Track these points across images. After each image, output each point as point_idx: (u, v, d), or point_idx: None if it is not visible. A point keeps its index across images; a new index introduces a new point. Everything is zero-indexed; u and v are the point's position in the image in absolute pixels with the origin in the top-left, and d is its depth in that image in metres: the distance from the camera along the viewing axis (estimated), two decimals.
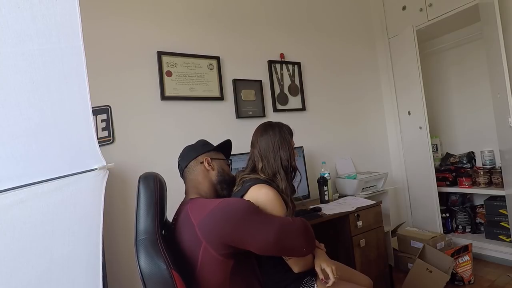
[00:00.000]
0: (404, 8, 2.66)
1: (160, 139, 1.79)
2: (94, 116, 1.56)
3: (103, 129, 1.62)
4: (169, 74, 1.83)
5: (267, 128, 1.16)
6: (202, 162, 1.10)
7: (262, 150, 1.12)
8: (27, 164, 0.72)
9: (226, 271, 0.91)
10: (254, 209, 0.93)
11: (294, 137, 1.22)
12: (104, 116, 1.63)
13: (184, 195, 1.12)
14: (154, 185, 0.99)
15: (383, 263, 1.90)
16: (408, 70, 2.61)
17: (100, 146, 0.85)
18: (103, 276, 0.96)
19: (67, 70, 0.73)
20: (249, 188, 1.03)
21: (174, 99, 1.85)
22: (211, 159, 1.11)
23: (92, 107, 0.79)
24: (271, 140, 1.12)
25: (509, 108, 1.93)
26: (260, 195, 1.01)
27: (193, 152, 1.12)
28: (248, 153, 1.22)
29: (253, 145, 1.18)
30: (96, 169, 0.85)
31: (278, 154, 1.11)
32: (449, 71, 2.91)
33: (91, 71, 0.76)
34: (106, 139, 1.62)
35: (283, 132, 1.15)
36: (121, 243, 1.60)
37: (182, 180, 1.15)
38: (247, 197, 1.03)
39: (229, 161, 1.21)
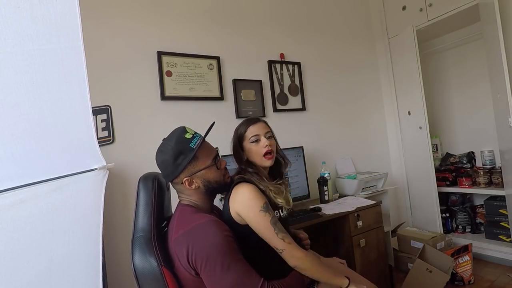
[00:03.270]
0: (404, 8, 2.66)
1: (160, 139, 1.76)
2: (94, 116, 1.56)
3: (103, 129, 1.62)
4: (169, 74, 1.83)
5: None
6: (182, 183, 0.97)
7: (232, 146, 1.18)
8: (27, 164, 0.72)
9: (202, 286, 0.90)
10: (225, 251, 0.85)
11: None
12: (104, 116, 1.63)
13: None
14: (152, 185, 1.01)
15: (383, 263, 1.90)
16: (408, 70, 2.61)
17: (100, 146, 0.85)
18: (103, 275, 0.96)
19: (67, 70, 0.73)
20: (230, 193, 1.05)
21: (174, 99, 1.85)
22: (190, 178, 0.97)
23: (92, 107, 0.79)
24: (233, 138, 1.18)
25: (509, 108, 1.93)
26: (238, 195, 1.02)
27: (167, 171, 0.97)
28: None
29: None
30: (96, 169, 0.85)
31: (234, 157, 1.17)
32: (449, 71, 2.91)
33: (91, 71, 0.76)
34: (106, 139, 1.62)
35: (234, 135, 1.18)
36: (121, 243, 1.60)
37: None
38: (233, 197, 1.03)
39: (215, 160, 1.02)
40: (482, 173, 2.44)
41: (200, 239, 0.86)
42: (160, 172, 1.03)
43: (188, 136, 0.98)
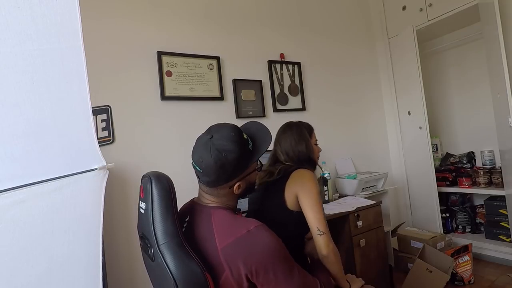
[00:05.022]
0: (404, 8, 2.66)
1: (160, 139, 1.79)
2: (94, 116, 1.56)
3: (103, 129, 1.62)
4: (169, 74, 1.83)
5: (285, 129, 1.32)
6: (231, 187, 0.90)
7: (282, 147, 1.27)
8: (27, 164, 0.72)
9: None
10: (283, 255, 0.84)
11: None
12: (104, 116, 1.63)
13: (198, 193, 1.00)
14: (169, 186, 0.90)
15: (383, 263, 1.90)
16: (408, 70, 2.61)
17: (100, 146, 0.85)
18: (103, 276, 0.96)
19: (67, 70, 0.73)
20: (292, 171, 1.14)
21: (174, 99, 1.85)
22: (242, 181, 0.92)
23: (92, 107, 0.79)
24: (289, 138, 1.27)
25: (509, 108, 1.93)
26: (301, 177, 1.12)
27: (224, 176, 0.87)
28: None
29: (275, 143, 1.32)
30: (96, 169, 0.85)
31: (297, 148, 1.25)
32: (449, 71, 2.92)
33: (91, 71, 0.76)
34: (106, 139, 1.62)
35: (301, 130, 1.30)
36: (121, 243, 1.60)
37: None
38: (293, 179, 1.12)
39: (259, 162, 1.00)
40: (482, 173, 2.44)
41: (257, 247, 0.80)
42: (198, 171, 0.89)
43: (245, 136, 0.91)
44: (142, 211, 0.91)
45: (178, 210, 0.95)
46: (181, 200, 1.11)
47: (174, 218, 0.87)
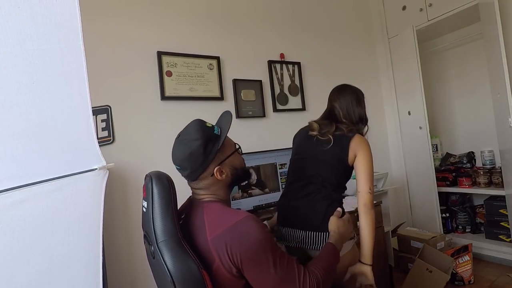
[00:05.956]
0: (404, 8, 2.66)
1: (160, 139, 1.79)
2: (94, 116, 1.56)
3: (103, 129, 1.62)
4: (169, 74, 1.83)
5: (345, 88, 1.42)
6: (212, 175, 0.93)
7: (342, 103, 1.34)
8: (27, 164, 0.72)
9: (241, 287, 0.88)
10: (270, 245, 0.85)
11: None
12: (104, 116, 1.63)
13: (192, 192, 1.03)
14: (169, 184, 0.92)
15: (383, 263, 1.90)
16: (408, 70, 2.61)
17: (100, 146, 0.85)
18: (103, 276, 0.96)
19: (67, 70, 0.73)
20: (353, 136, 1.24)
21: (174, 99, 1.85)
22: (220, 166, 0.94)
23: (92, 107, 0.79)
24: (350, 97, 1.36)
25: (509, 108, 1.93)
26: (363, 141, 1.25)
27: (197, 164, 0.91)
28: (246, 153, 1.33)
29: (333, 99, 1.39)
30: (96, 169, 0.85)
31: (357, 109, 1.34)
32: (449, 71, 2.92)
33: (91, 71, 0.76)
34: (106, 139, 1.62)
35: (359, 93, 1.41)
36: (121, 243, 1.60)
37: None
38: (356, 142, 1.23)
39: (237, 146, 1.04)
40: (482, 173, 2.44)
41: (243, 237, 0.83)
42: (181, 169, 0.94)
43: (208, 125, 0.96)
44: (144, 209, 0.94)
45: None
46: (182, 199, 1.11)
47: (174, 217, 0.89)
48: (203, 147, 0.90)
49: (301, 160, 1.31)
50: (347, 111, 1.33)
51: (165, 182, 0.92)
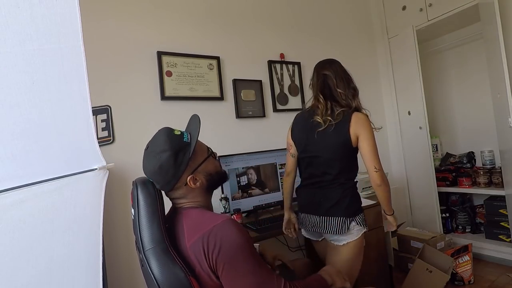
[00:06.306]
0: (404, 8, 2.66)
1: None
2: (94, 116, 1.56)
3: (103, 129, 1.62)
4: (169, 74, 1.83)
5: (329, 59, 1.42)
6: (186, 184, 0.91)
7: (334, 74, 1.35)
8: (27, 164, 0.72)
9: None
10: (248, 250, 0.82)
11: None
12: (104, 116, 1.63)
13: None
14: (155, 190, 0.91)
15: (383, 263, 1.90)
16: (408, 70, 2.61)
17: (100, 146, 0.85)
18: (103, 276, 0.96)
19: (67, 70, 0.73)
20: (351, 119, 1.27)
21: (174, 99, 1.85)
22: (194, 175, 0.91)
23: (92, 107, 0.79)
24: (336, 65, 1.39)
25: (509, 108, 1.93)
26: (361, 118, 1.29)
27: (169, 175, 0.88)
28: (246, 153, 1.33)
29: (324, 69, 1.38)
30: (96, 169, 0.85)
31: (345, 76, 1.36)
32: (449, 71, 2.92)
33: (91, 71, 0.76)
34: (106, 139, 1.63)
35: (341, 65, 1.42)
36: (121, 243, 1.60)
37: None
38: (355, 122, 1.26)
39: (209, 151, 1.00)
40: (482, 173, 2.44)
41: (220, 241, 0.80)
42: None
43: (177, 132, 0.92)
44: (132, 217, 0.93)
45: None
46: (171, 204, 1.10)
47: (160, 224, 0.87)
48: (173, 158, 0.87)
49: (310, 158, 1.36)
50: (341, 79, 1.36)
51: (150, 189, 0.90)
